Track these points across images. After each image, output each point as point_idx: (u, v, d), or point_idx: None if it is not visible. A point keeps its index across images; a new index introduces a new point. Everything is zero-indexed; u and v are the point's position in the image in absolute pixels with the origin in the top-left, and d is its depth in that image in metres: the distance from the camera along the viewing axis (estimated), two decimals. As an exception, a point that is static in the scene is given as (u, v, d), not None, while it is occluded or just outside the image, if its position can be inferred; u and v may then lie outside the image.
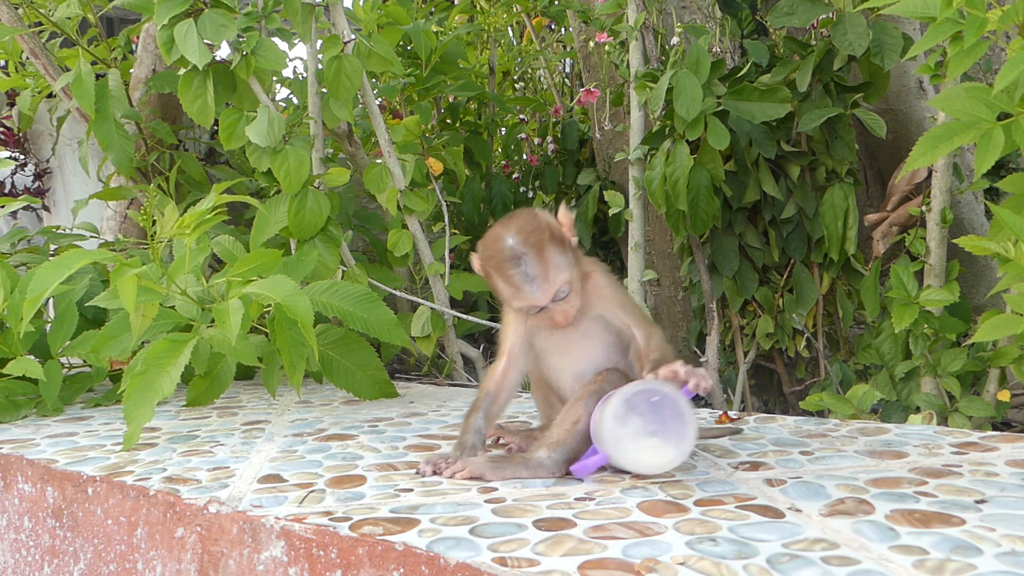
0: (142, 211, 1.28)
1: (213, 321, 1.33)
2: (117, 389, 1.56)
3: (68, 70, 2.08)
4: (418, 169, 1.92)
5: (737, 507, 0.85)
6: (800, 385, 1.94)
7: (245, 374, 1.84)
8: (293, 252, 1.75)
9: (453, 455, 1.02)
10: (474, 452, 1.01)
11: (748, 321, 1.93)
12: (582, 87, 2.08)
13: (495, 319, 2.35)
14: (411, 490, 0.95)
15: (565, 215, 1.01)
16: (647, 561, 0.71)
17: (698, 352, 1.91)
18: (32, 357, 1.53)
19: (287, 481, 1.00)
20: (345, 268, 1.81)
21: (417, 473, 1.02)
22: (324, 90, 1.77)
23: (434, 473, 1.01)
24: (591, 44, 2.08)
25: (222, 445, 1.21)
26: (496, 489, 0.94)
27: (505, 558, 0.73)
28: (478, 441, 1.03)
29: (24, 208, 2.49)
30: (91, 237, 2.09)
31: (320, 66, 1.79)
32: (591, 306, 1.02)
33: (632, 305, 1.05)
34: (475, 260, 1.00)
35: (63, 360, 1.58)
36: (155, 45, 2.04)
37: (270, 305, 1.37)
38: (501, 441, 1.14)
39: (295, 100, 2.67)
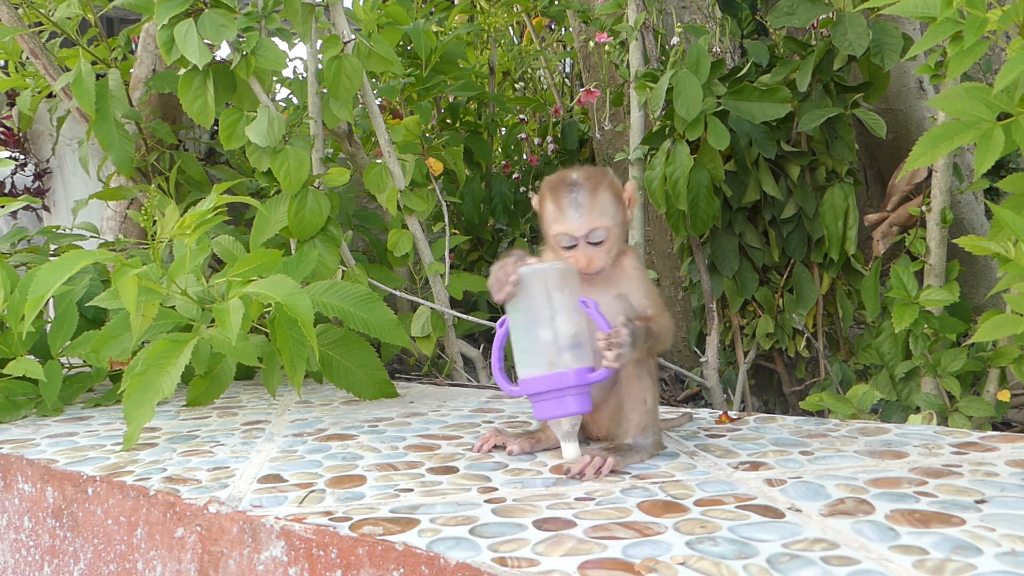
0: (142, 211, 1.28)
1: (213, 321, 1.33)
2: (117, 389, 1.56)
3: (68, 70, 2.08)
4: (418, 169, 1.92)
5: (737, 507, 0.85)
6: (800, 385, 1.93)
7: (245, 374, 1.84)
8: (293, 252, 1.75)
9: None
10: None
11: (748, 321, 1.93)
12: (582, 87, 2.08)
13: (495, 319, 2.35)
14: (411, 490, 0.95)
15: (632, 185, 1.08)
16: (647, 561, 0.71)
17: (698, 352, 1.91)
18: (32, 357, 1.53)
19: (287, 481, 1.00)
20: (345, 268, 1.81)
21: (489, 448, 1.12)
22: (324, 90, 1.77)
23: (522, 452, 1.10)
24: (591, 44, 2.08)
25: (222, 445, 1.21)
26: (496, 489, 0.94)
27: (505, 558, 0.73)
28: None
29: (24, 208, 2.49)
30: (91, 237, 2.09)
31: (320, 66, 1.79)
32: (618, 284, 1.06)
33: (654, 294, 1.09)
34: (535, 197, 1.08)
35: (63, 360, 1.58)
36: (155, 45, 2.04)
37: (270, 305, 1.37)
38: (497, 445, 1.13)
39: (295, 100, 2.67)
